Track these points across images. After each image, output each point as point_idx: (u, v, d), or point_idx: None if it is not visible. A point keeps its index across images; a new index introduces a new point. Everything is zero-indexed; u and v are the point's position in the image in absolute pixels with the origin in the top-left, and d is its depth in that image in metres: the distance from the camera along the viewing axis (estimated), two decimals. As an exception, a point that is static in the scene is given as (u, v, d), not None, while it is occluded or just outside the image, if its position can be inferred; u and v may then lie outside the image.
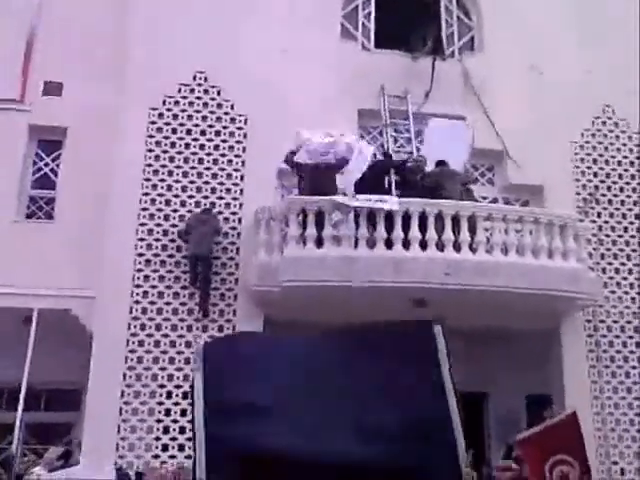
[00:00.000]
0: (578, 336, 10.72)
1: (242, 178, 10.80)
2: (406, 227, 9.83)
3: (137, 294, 10.03)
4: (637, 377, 10.72)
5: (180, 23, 11.27)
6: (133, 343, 9.82)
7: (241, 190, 10.71)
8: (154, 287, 10.10)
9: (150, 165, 10.62)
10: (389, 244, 9.75)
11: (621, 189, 11.62)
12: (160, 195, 10.52)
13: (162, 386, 9.70)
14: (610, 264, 11.21)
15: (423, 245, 9.77)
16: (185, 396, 9.66)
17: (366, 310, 9.68)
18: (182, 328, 9.95)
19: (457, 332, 9.40)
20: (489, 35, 12.27)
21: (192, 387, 3.55)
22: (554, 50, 11.99)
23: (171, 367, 9.78)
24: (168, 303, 10.07)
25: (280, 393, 3.49)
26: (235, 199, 10.68)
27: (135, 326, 9.90)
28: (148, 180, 10.55)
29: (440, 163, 10.69)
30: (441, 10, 12.68)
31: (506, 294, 9.72)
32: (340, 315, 9.70)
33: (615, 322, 10.94)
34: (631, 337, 10.91)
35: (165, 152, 10.72)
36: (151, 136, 10.76)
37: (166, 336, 9.91)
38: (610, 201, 11.55)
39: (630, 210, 11.52)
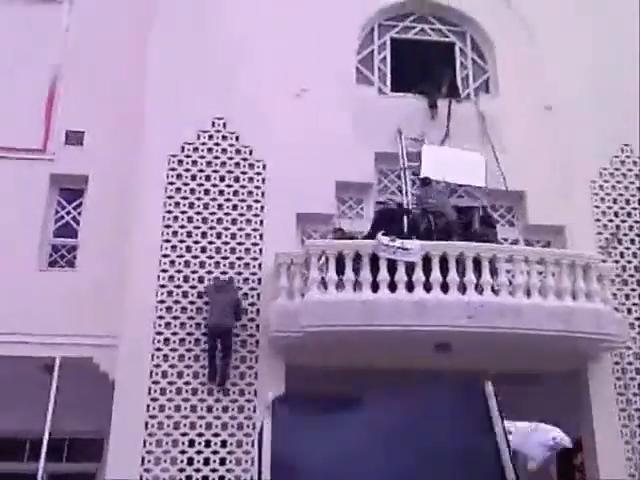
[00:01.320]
0: (606, 378, 10.51)
1: (262, 223, 10.82)
2: (427, 269, 9.79)
3: (158, 341, 10.00)
4: (668, 420, 10.49)
5: (198, 69, 11.46)
6: (155, 391, 9.74)
7: (261, 235, 10.73)
8: (175, 334, 10.06)
9: (170, 212, 10.68)
10: (410, 287, 9.70)
11: (643, 228, 11.54)
12: (181, 242, 10.55)
13: (184, 434, 9.59)
14: (635, 304, 11.04)
15: (445, 288, 9.71)
16: (207, 444, 9.57)
17: (388, 354, 9.69)
18: (203, 375, 9.87)
19: (482, 375, 9.36)
20: (504, 77, 12.34)
21: (260, 436, 3.79)
22: (570, 90, 12.05)
23: (193, 415, 9.68)
24: (190, 350, 10.01)
25: (339, 453, 3.71)
26: (255, 244, 10.69)
27: (157, 374, 9.83)
28: (168, 227, 10.60)
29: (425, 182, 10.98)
30: (456, 53, 12.81)
31: (530, 336, 9.63)
32: (362, 359, 9.74)
33: (644, 364, 10.77)
34: (661, 380, 10.72)
35: (185, 198, 10.80)
36: (171, 183, 10.85)
37: (188, 384, 9.84)
38: (632, 240, 11.43)
39: (653, 249, 11.43)
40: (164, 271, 10.35)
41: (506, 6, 12.61)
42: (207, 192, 10.91)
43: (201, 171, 11.01)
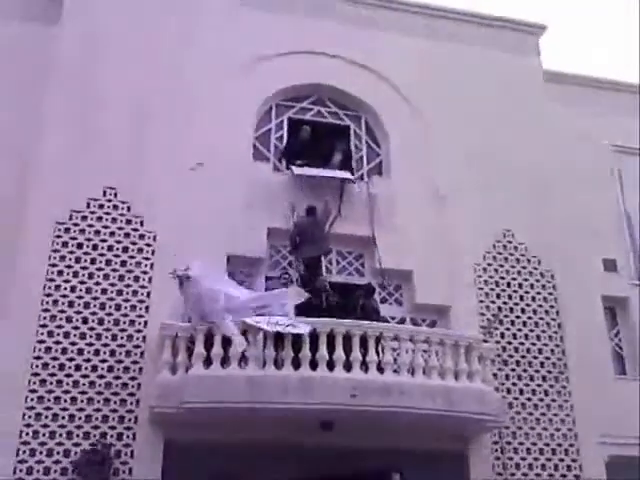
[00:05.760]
0: (485, 458, 10.66)
1: (149, 295, 10.59)
2: (314, 347, 9.78)
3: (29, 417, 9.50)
4: (543, 500, 10.71)
5: (92, 138, 11.30)
6: (21, 470, 9.18)
7: (147, 307, 10.48)
8: (48, 408, 9.60)
9: (52, 280, 10.30)
10: (296, 364, 9.64)
11: (522, 310, 11.97)
12: (61, 312, 10.15)
13: None
14: (514, 384, 11.36)
15: (330, 365, 9.71)
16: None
17: (273, 431, 9.53)
18: (76, 453, 9.39)
19: (364, 454, 9.33)
20: (396, 161, 12.78)
21: None
22: (457, 175, 12.61)
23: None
24: (63, 426, 9.54)
25: None
26: (140, 316, 10.41)
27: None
28: (49, 296, 10.20)
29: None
30: (351, 135, 13.21)
31: (413, 415, 9.70)
32: (246, 436, 9.53)
33: (521, 444, 10.97)
34: (537, 459, 10.92)
35: (69, 267, 10.45)
36: (55, 250, 10.51)
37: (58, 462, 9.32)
38: (512, 322, 11.85)
39: (532, 331, 11.83)
40: (41, 342, 9.89)
41: (399, 95, 13.20)
42: (93, 261, 10.62)
43: (88, 240, 10.72)
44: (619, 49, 35.01)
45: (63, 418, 9.58)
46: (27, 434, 9.38)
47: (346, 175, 12.22)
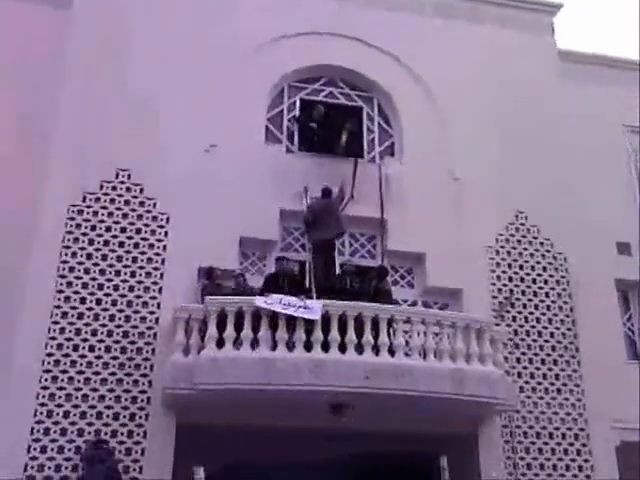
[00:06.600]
0: (495, 442, 10.69)
1: (162, 276, 10.64)
2: (326, 329, 9.81)
3: (43, 396, 9.62)
4: (553, 485, 10.75)
5: (105, 120, 11.31)
6: (35, 449, 9.32)
7: (160, 289, 10.53)
8: (62, 389, 9.71)
9: (66, 262, 10.37)
10: (308, 346, 9.68)
11: (535, 293, 11.94)
12: (75, 293, 10.23)
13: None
14: (525, 368, 11.37)
15: (342, 348, 9.74)
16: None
17: (284, 413, 9.59)
18: (89, 433, 9.52)
19: (376, 436, 9.35)
20: (408, 142, 12.71)
21: None
22: (470, 157, 12.53)
23: (73, 476, 9.26)
24: (76, 406, 9.66)
25: None
26: (153, 298, 10.47)
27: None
28: (63, 277, 10.27)
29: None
30: (363, 116, 13.13)
31: (424, 398, 9.72)
32: (258, 418, 9.60)
33: (531, 427, 10.99)
34: (546, 443, 10.96)
35: (82, 249, 10.51)
36: (69, 232, 10.56)
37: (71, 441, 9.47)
38: (525, 305, 11.83)
39: (543, 314, 11.81)
40: (55, 323, 9.98)
41: (412, 75, 13.08)
42: (107, 243, 10.67)
43: (102, 222, 10.76)
44: (634, 27, 34.45)
45: (76, 398, 9.69)
46: (41, 413, 9.51)
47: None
